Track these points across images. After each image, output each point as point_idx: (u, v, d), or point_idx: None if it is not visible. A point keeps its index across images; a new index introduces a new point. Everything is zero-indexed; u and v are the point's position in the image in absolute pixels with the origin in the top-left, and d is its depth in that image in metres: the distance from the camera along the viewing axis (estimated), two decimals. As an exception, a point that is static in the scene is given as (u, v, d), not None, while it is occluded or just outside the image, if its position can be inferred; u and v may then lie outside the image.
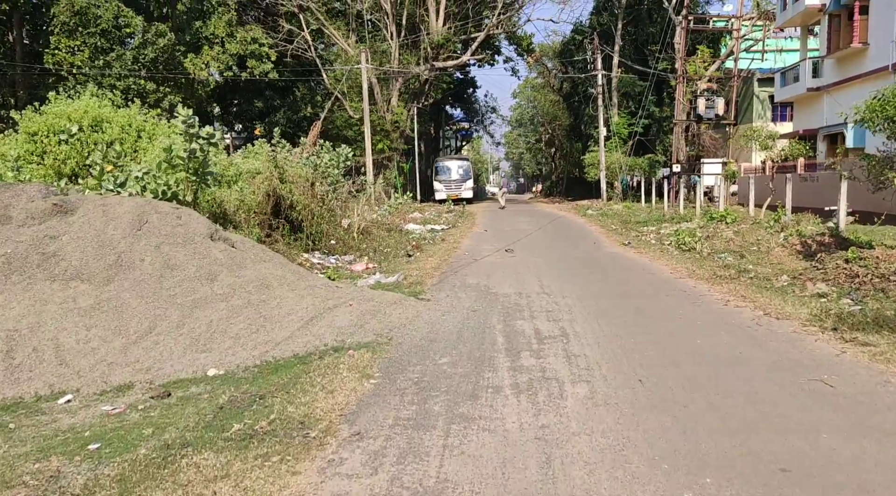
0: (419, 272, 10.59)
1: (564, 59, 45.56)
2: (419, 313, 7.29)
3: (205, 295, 6.65)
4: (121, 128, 15.64)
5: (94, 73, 30.32)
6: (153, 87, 31.24)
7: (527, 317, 7.23)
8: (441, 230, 20.17)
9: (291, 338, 6.24)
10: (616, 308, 7.69)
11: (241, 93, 41.30)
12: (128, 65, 30.59)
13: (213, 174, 12.42)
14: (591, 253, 13.58)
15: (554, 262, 12.02)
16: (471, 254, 13.36)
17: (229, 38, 35.08)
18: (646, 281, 9.75)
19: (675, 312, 7.40)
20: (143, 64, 30.85)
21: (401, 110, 38.41)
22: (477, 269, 11.11)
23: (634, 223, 20.49)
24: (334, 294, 7.52)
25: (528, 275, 10.37)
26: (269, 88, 41.62)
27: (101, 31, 30.37)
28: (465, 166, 41.68)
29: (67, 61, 29.97)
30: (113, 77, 30.52)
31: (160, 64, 31.54)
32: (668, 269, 10.88)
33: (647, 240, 16.21)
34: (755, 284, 9.19)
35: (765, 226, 15.06)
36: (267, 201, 14.42)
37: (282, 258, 8.52)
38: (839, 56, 24.71)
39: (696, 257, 12.28)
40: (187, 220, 7.50)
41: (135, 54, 30.52)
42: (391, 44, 37.09)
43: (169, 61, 32.09)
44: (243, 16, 36.89)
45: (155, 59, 31.13)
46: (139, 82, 30.77)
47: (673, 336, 6.33)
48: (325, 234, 15.53)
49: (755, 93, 38.30)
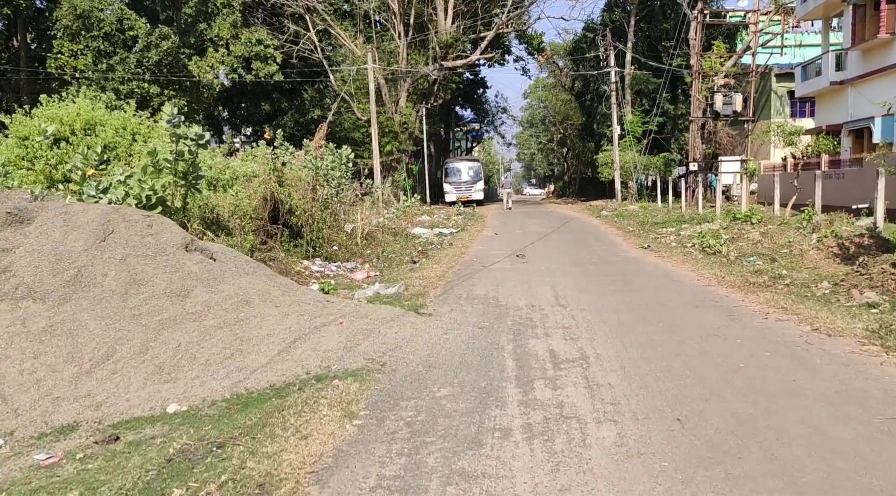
0: (423, 281, 9.77)
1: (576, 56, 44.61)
2: (418, 332, 6.45)
3: (174, 314, 5.86)
4: (115, 131, 14.96)
5: (97, 76, 29.81)
6: (157, 90, 30.67)
7: (540, 336, 6.38)
8: (449, 234, 19.34)
9: (270, 364, 5.44)
10: (641, 323, 6.82)
11: (247, 96, 40.76)
12: (131, 68, 30.05)
13: (204, 178, 11.67)
14: (608, 258, 12.69)
15: (569, 269, 11.16)
16: (479, 261, 12.51)
17: (234, 39, 34.50)
18: (671, 289, 8.86)
19: (709, 328, 6.52)
20: (146, 67, 30.29)
21: (409, 111, 37.63)
22: (485, 278, 10.26)
23: (652, 224, 19.55)
24: (324, 310, 6.70)
25: (542, 285, 9.52)
26: (276, 91, 41.05)
27: (105, 35, 29.87)
28: (476, 167, 40.84)
29: (70, 65, 29.50)
30: (116, 81, 29.99)
31: (164, 67, 30.98)
32: (695, 276, 9.98)
33: (666, 242, 15.29)
34: (794, 293, 8.29)
35: (794, 226, 14.09)
36: (264, 206, 13.68)
37: (268, 270, 7.72)
38: (865, 48, 23.61)
39: (722, 261, 11.36)
40: (159, 228, 6.72)
41: (138, 57, 29.97)
42: (399, 44, 36.34)
43: (173, 64, 31.52)
44: (248, 17, 36.25)
45: (159, 63, 30.57)
46: (143, 86, 30.21)
47: (710, 359, 5.46)
48: (326, 240, 14.79)
49: (773, 88, 37.21)
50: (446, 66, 37.52)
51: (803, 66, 28.55)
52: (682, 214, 21.78)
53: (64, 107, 14.96)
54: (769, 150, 35.92)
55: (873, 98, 23.06)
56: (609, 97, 36.65)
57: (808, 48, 35.31)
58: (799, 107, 36.46)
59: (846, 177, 21.43)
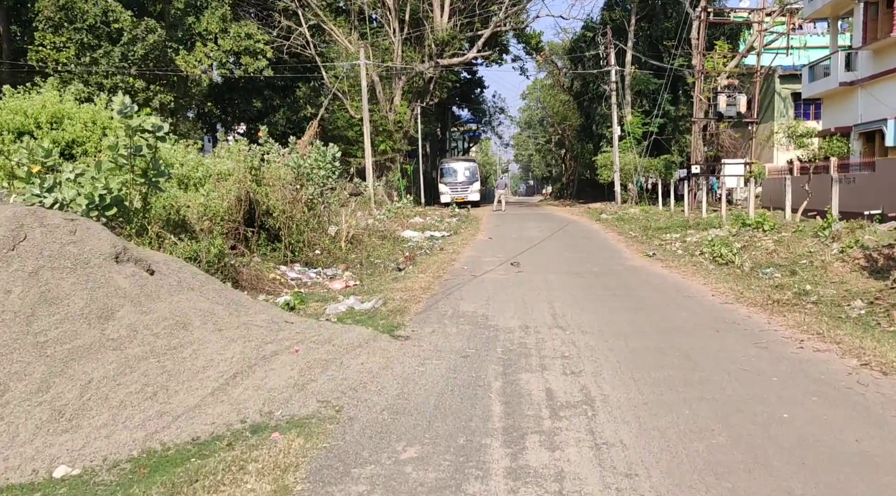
0: (404, 294, 8.71)
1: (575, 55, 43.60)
2: (389, 362, 5.39)
3: (90, 341, 4.81)
4: (83, 125, 13.92)
5: (80, 70, 28.72)
6: (142, 85, 29.57)
7: (535, 368, 5.34)
8: (441, 238, 18.30)
9: (199, 407, 4.38)
10: (654, 352, 5.78)
11: (239, 92, 39.69)
12: (115, 62, 28.96)
13: (166, 175, 10.62)
14: (610, 267, 11.65)
15: (568, 280, 10.12)
16: (470, 269, 11.46)
17: (223, 34, 33.40)
18: (684, 307, 7.82)
19: (735, 360, 5.49)
20: (132, 61, 29.20)
21: (404, 110, 36.57)
22: (475, 290, 9.21)
23: (655, 229, 18.53)
24: (278, 335, 5.64)
25: (538, 299, 8.47)
26: (268, 88, 40.01)
27: (89, 27, 28.77)
28: (472, 168, 39.83)
29: (52, 58, 28.39)
30: (100, 74, 28.89)
31: (150, 61, 29.90)
32: (709, 290, 8.95)
33: (672, 249, 14.27)
34: (824, 313, 7.26)
35: (810, 234, 13.07)
36: (238, 207, 12.63)
37: (218, 284, 6.65)
38: (876, 47, 22.63)
39: (736, 273, 10.33)
40: (85, 235, 5.66)
41: (123, 51, 28.87)
42: (394, 40, 35.27)
43: (160, 58, 30.43)
44: (239, 11, 35.11)
45: (145, 57, 29.47)
46: (128, 80, 29.11)
47: (744, 405, 4.42)
48: (307, 244, 13.76)
49: (777, 90, 36.32)
50: (442, 64, 36.48)
51: (810, 67, 27.57)
52: (685, 219, 20.77)
53: (29, 99, 13.97)
54: (772, 153, 35.01)
55: (886, 99, 22.11)
56: (609, 97, 35.65)
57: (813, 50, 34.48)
58: (803, 109, 35.57)
59: (857, 181, 20.44)
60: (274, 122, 40.15)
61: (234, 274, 10.28)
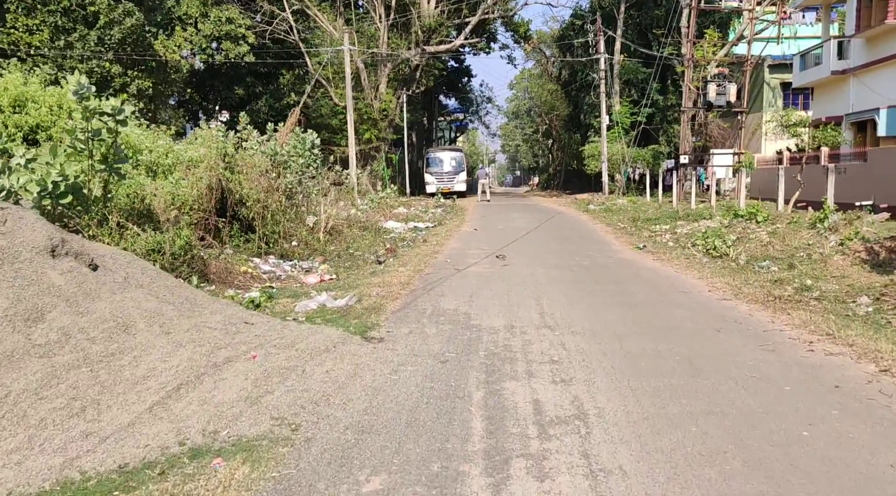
0: (382, 289, 8.13)
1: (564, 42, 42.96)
2: (359, 370, 4.82)
3: (13, 347, 4.20)
4: (49, 109, 13.18)
5: (53, 54, 27.73)
6: (119, 70, 28.62)
7: (521, 376, 4.79)
8: (425, 228, 17.71)
9: (133, 426, 3.79)
10: (652, 356, 5.25)
11: (221, 79, 38.72)
12: (91, 46, 27.99)
13: (128, 161, 9.98)
14: (600, 260, 11.12)
15: (556, 274, 9.58)
16: (453, 262, 10.89)
17: (203, 18, 32.48)
18: (680, 304, 7.31)
19: (741, 365, 4.97)
20: (108, 45, 28.25)
21: (390, 98, 35.79)
22: (457, 286, 8.65)
23: (644, 220, 18.05)
24: (235, 338, 5.05)
25: (524, 295, 7.93)
26: (250, 75, 39.06)
27: (63, 10, 27.79)
28: (458, 158, 39.20)
29: (25, 41, 27.38)
30: (75, 59, 27.92)
31: (128, 46, 28.93)
32: (704, 285, 8.44)
33: (662, 241, 13.78)
34: (830, 310, 6.77)
35: (806, 226, 12.62)
36: (209, 195, 11.98)
37: (171, 280, 6.03)
38: (870, 35, 22.25)
39: (732, 267, 9.84)
40: (15, 226, 5.03)
41: (99, 34, 27.91)
42: (379, 27, 34.46)
43: (137, 43, 29.47)
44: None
45: (122, 41, 28.51)
46: (103, 65, 28.16)
47: (757, 420, 3.90)
48: (283, 235, 13.15)
49: (766, 80, 35.97)
50: (429, 52, 35.72)
51: (802, 55, 27.20)
52: (675, 210, 20.31)
53: (-10, 80, 13.22)
54: (760, 143, 34.71)
55: (879, 89, 21.75)
56: (597, 87, 35.10)
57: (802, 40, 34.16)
58: (792, 99, 35.27)
59: (848, 172, 20.07)
60: (256, 110, 39.26)
61: (202, 267, 9.67)
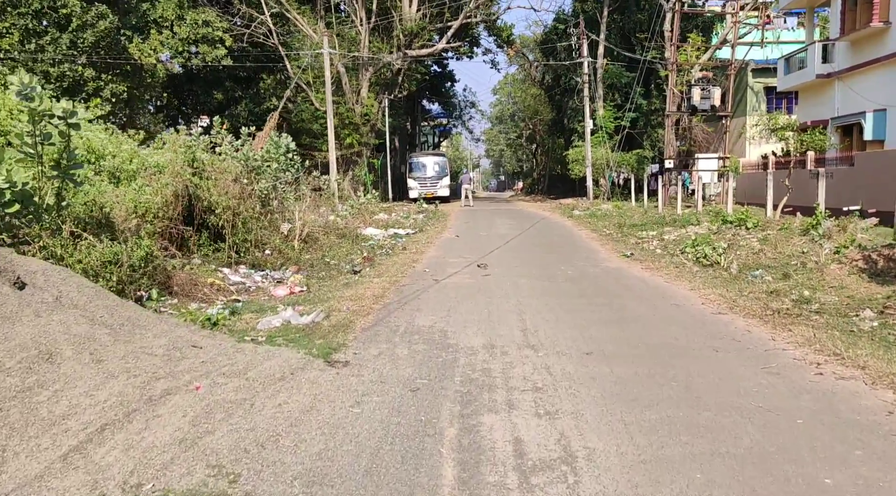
0: (353, 303, 7.56)
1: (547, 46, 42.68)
2: (317, 402, 4.25)
3: None
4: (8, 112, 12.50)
5: (24, 58, 26.91)
6: (92, 74, 27.84)
7: (501, 407, 4.25)
8: (405, 235, 17.16)
9: (41, 479, 3.21)
10: (646, 381, 4.74)
11: (199, 83, 37.95)
12: (63, 49, 27.23)
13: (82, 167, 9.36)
14: (587, 269, 10.63)
15: (540, 285, 9.07)
16: (432, 272, 10.34)
17: (179, 21, 31.77)
18: (673, 319, 6.82)
19: (745, 391, 4.47)
20: (81, 49, 27.49)
21: (371, 102, 35.23)
22: (435, 299, 8.10)
23: (630, 226, 17.63)
24: (178, 365, 4.47)
25: (506, 309, 7.40)
26: (229, 79, 38.35)
27: (34, 13, 27.01)
28: (441, 162, 38.72)
29: (-7, 44, 26.59)
30: (46, 63, 27.12)
31: (101, 49, 28.20)
32: (697, 297, 7.97)
33: (650, 248, 13.34)
34: (832, 325, 6.31)
35: (797, 232, 12.24)
36: (175, 203, 11.37)
37: (112, 299, 5.43)
38: (854, 38, 22.02)
39: (724, 276, 9.39)
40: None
41: (72, 38, 27.15)
42: (361, 30, 33.92)
43: (111, 46, 28.74)
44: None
45: (95, 44, 27.78)
46: (76, 69, 27.38)
47: (772, 462, 3.39)
48: (255, 243, 12.54)
49: (749, 84, 35.91)
50: (411, 55, 35.22)
51: (786, 59, 26.97)
52: (661, 216, 19.93)
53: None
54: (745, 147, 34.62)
55: (864, 92, 21.53)
56: (580, 91, 34.81)
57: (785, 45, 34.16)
58: (776, 103, 35.19)
59: (835, 176, 19.83)
60: (236, 114, 38.56)
61: (164, 279, 9.07)
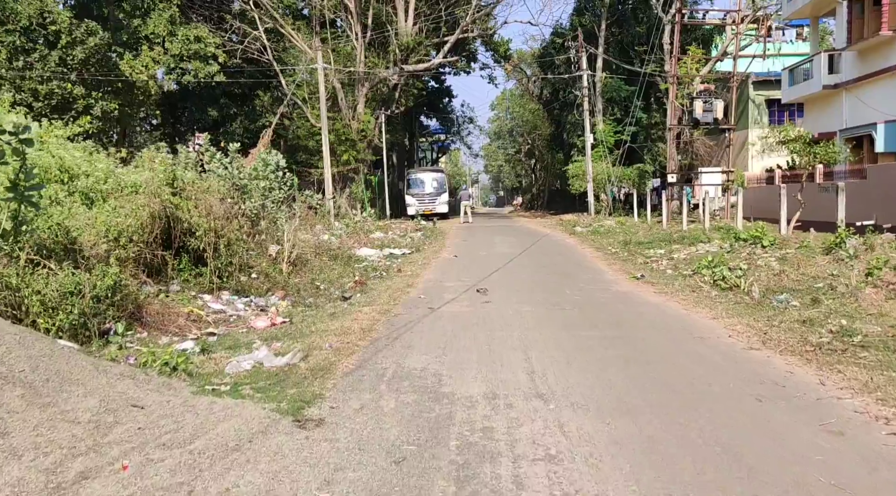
0: (338, 339, 6.72)
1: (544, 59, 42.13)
2: (275, 484, 3.39)
3: None
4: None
5: (11, 75, 26.29)
6: (82, 91, 27.16)
7: (507, 488, 3.38)
8: (401, 256, 16.34)
9: None
10: (682, 446, 3.89)
11: (193, 100, 37.36)
12: (52, 66, 26.60)
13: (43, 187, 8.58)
14: (595, 294, 9.78)
15: (545, 314, 8.23)
16: (428, 299, 9.51)
17: (171, 37, 31.19)
18: (700, 357, 5.97)
19: (807, 460, 3.62)
20: (71, 66, 26.86)
21: (368, 118, 34.56)
22: (429, 332, 7.25)
23: (636, 244, 16.80)
24: (108, 435, 3.62)
25: (509, 345, 6.55)
26: (224, 96, 37.77)
27: (22, 29, 26.41)
28: (440, 179, 38.02)
29: (-21, 62, 25.97)
30: (34, 80, 26.47)
31: (91, 66, 27.54)
32: (721, 327, 7.12)
33: (660, 269, 12.51)
34: (886, 364, 5.46)
35: (819, 251, 11.43)
36: (152, 225, 10.55)
37: (40, 346, 4.56)
38: (862, 47, 21.39)
39: (746, 302, 8.55)
40: None
41: (61, 55, 26.53)
42: (356, 45, 33.34)
43: (102, 63, 28.09)
44: (189, 13, 32.85)
45: (85, 61, 27.14)
46: (65, 86, 26.71)
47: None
48: (240, 267, 11.73)
49: (751, 96, 35.34)
50: (407, 70, 34.61)
51: (790, 70, 26.35)
52: (667, 232, 19.12)
53: None
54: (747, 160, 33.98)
55: (873, 103, 20.86)
56: (580, 105, 34.18)
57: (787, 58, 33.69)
58: (777, 116, 34.59)
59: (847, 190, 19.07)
60: (231, 132, 37.90)
61: (135, 309, 8.26)
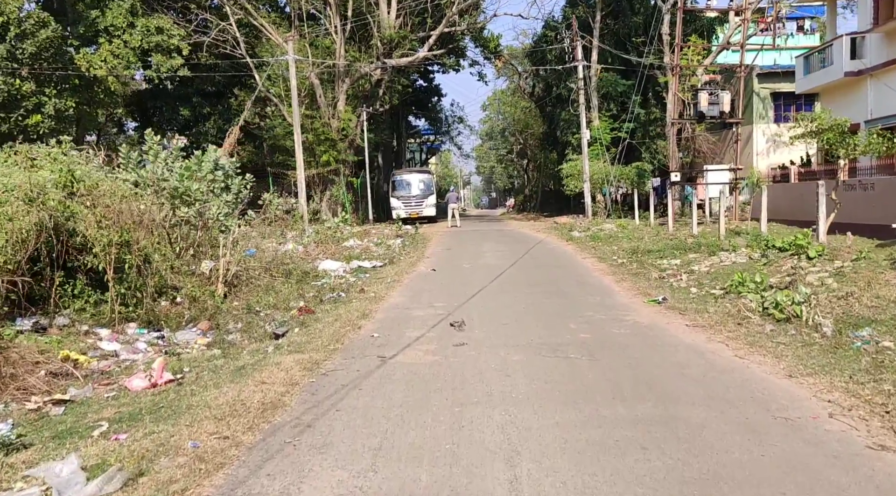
0: (217, 428, 4.28)
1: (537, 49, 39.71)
2: None
3: None
4: None
5: (-47, 70, 23.81)
6: (31, 87, 24.64)
7: None
8: (371, 269, 13.90)
9: None
10: None
11: (164, 99, 34.84)
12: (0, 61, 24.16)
13: None
14: (607, 327, 7.37)
15: (542, 366, 5.82)
16: (382, 338, 7.07)
17: (131, 28, 28.62)
18: (804, 467, 3.59)
19: None
20: (21, 61, 24.35)
21: (349, 116, 32.07)
22: (364, 411, 4.81)
23: (645, 253, 14.39)
24: None
25: (486, 440, 4.12)
26: (197, 94, 35.27)
27: (-32, 22, 23.89)
28: (427, 180, 35.60)
29: (-83, 56, 23.52)
30: (-22, 75, 23.97)
31: (44, 60, 25.00)
32: (810, 395, 4.72)
33: (681, 286, 10.10)
34: None
35: (885, 263, 9.08)
36: (33, 241, 8.13)
37: None
38: (890, 28, 19.13)
39: (817, 342, 6.19)
40: None
41: (9, 48, 24.04)
42: (335, 38, 30.90)
43: (56, 57, 25.53)
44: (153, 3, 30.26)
45: (36, 55, 24.60)
46: (12, 82, 24.20)
47: None
48: (159, 290, 9.35)
49: (755, 89, 33.04)
50: (391, 65, 32.18)
51: (805, 57, 24.04)
52: (678, 238, 16.74)
53: None
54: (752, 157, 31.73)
55: (905, 90, 18.62)
56: (574, 100, 31.83)
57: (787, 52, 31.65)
58: (784, 108, 32.31)
59: (877, 187, 16.80)
60: (204, 132, 35.42)
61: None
